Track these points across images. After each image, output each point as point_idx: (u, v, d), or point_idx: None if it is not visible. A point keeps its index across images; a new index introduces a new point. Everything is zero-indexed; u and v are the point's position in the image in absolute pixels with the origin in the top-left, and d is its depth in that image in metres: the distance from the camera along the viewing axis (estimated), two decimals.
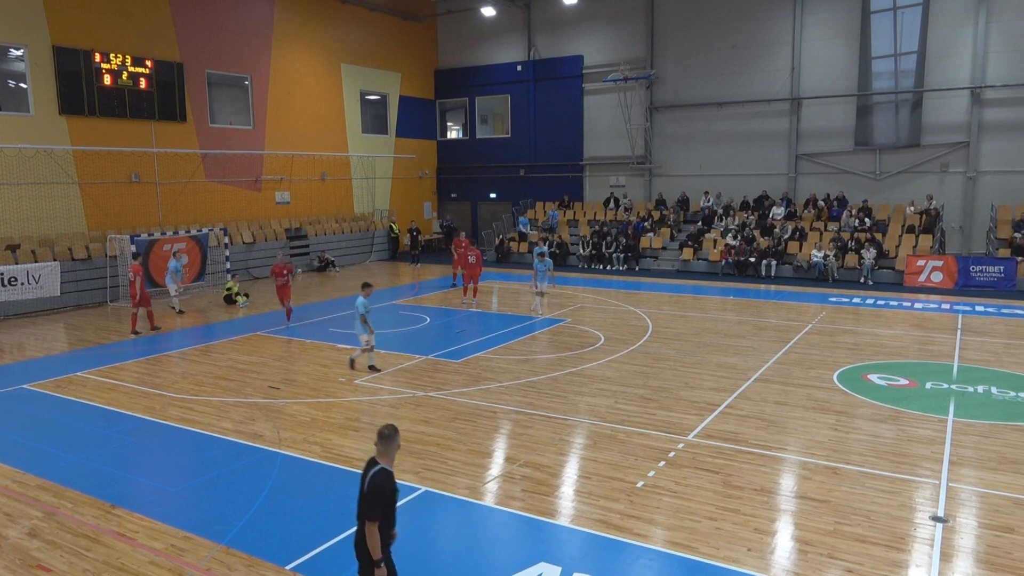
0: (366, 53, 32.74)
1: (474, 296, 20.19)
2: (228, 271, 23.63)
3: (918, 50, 26.11)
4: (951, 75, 25.74)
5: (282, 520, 7.57)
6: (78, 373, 13.62)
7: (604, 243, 28.54)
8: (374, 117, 34.02)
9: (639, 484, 8.28)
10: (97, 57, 22.34)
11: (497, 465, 9.06)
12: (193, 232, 23.21)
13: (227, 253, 24.04)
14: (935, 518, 7.45)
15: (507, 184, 35.64)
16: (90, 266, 21.51)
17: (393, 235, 32.86)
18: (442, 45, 36.96)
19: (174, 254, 20.19)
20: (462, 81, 36.25)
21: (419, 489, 8.19)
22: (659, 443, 9.57)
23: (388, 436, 5.36)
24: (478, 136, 36.72)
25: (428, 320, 18.37)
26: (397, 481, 5.47)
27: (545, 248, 20.76)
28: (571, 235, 31.01)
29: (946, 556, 6.71)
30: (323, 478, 8.66)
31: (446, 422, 10.54)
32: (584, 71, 32.79)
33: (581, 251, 29.04)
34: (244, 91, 27.73)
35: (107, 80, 22.66)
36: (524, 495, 8.07)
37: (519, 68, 34.36)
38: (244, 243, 26.34)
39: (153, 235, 22.06)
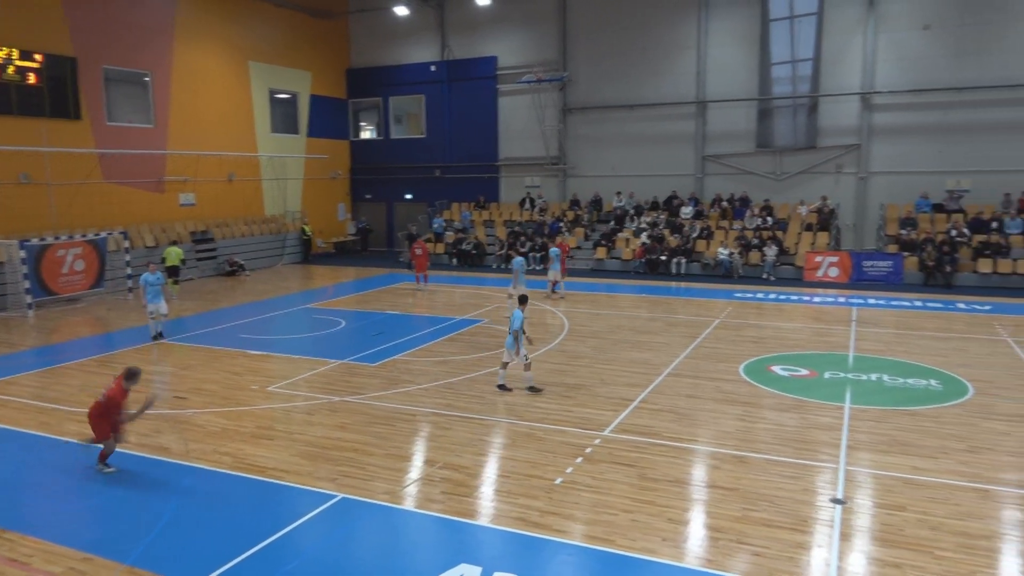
0: (274, 51, 31.84)
1: (425, 281, 23.09)
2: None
3: (813, 57, 27.53)
4: (844, 81, 27.25)
5: (192, 535, 7.28)
6: None
7: (519, 243, 28.76)
8: (284, 116, 33.13)
9: (557, 481, 8.40)
10: None
11: (416, 468, 9.00)
12: (90, 236, 22.00)
13: (127, 258, 22.89)
14: (834, 500, 7.88)
15: (423, 185, 35.41)
16: None
17: (305, 237, 32.09)
18: (354, 44, 36.36)
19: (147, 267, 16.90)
20: (375, 80, 35.77)
21: (336, 496, 8.03)
22: (576, 439, 9.73)
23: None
24: (392, 136, 36.32)
25: (343, 323, 18.05)
26: (314, 489, 5.36)
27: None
28: (487, 236, 31.11)
29: (845, 536, 7.11)
30: (235, 489, 8.38)
31: (363, 427, 10.38)
32: (498, 72, 32.95)
33: (497, 251, 29.16)
34: (144, 88, 26.47)
35: None
36: (444, 497, 8.05)
37: (433, 68, 34.20)
38: (146, 247, 25.14)
39: (45, 240, 20.77)
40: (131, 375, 9.01)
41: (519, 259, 18.91)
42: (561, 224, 30.27)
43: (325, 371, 13.47)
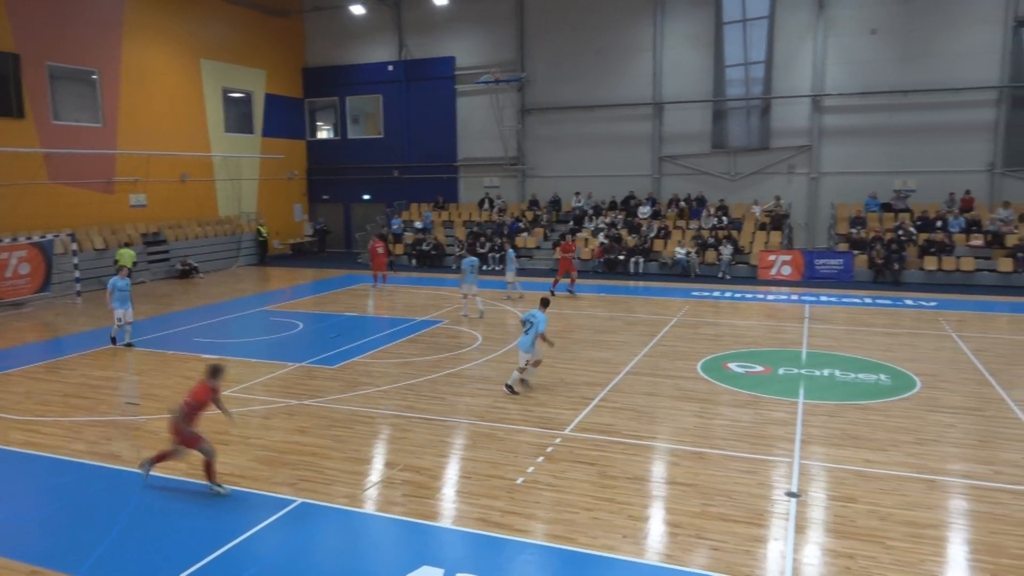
0: (228, 49, 31.25)
1: (384, 282, 23.39)
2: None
3: (765, 59, 28.11)
4: (795, 83, 27.87)
5: (146, 544, 7.11)
6: None
7: (479, 243, 28.74)
8: (238, 116, 32.54)
9: (519, 480, 8.42)
10: None
11: (377, 471, 8.94)
12: (36, 239, 21.31)
13: (75, 261, 22.24)
14: (789, 494, 8.05)
15: (381, 185, 35.12)
16: None
17: (261, 238, 31.58)
18: (310, 43, 35.90)
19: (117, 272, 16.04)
20: (332, 80, 35.36)
21: (295, 501, 7.93)
22: (537, 439, 9.77)
23: None
24: (350, 136, 35.96)
25: (301, 326, 17.81)
26: (272, 494, 5.29)
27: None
28: (447, 236, 31.02)
29: (800, 528, 7.28)
30: (191, 496, 8.21)
31: (322, 430, 10.27)
32: (456, 72, 32.87)
33: (457, 252, 29.09)
34: (92, 86, 25.74)
35: None
36: (405, 499, 8.01)
37: (390, 68, 33.97)
38: (95, 249, 24.45)
39: None
40: (215, 371, 8.34)
41: (470, 259, 18.79)
42: (520, 224, 30.37)
43: (283, 374, 13.28)
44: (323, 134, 37.09)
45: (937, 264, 23.97)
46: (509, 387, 11.90)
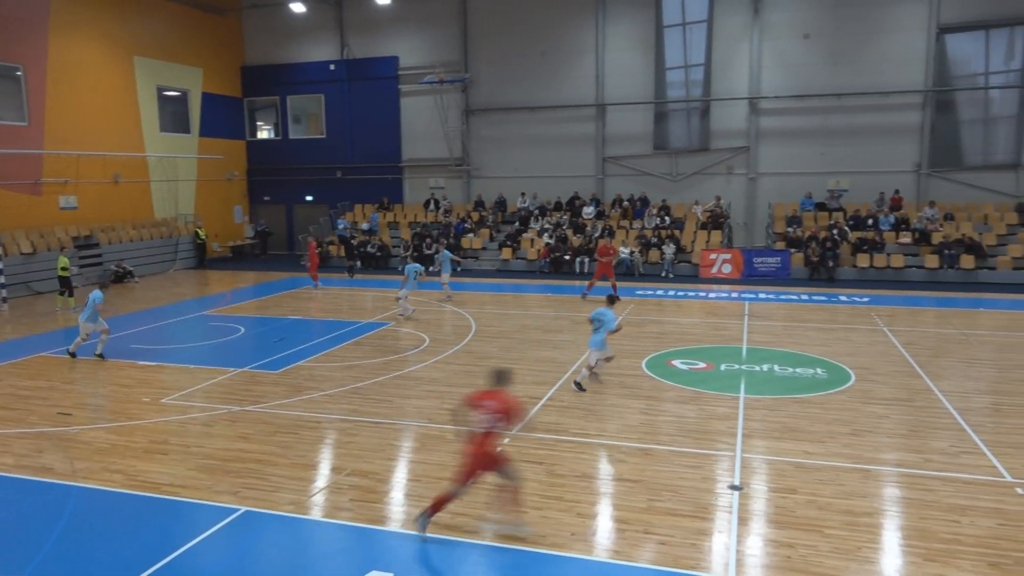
0: (162, 46, 30.31)
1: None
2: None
3: (704, 62, 28.73)
4: (733, 86, 28.56)
5: (80, 560, 6.84)
6: None
7: (424, 244, 28.58)
8: (174, 115, 31.59)
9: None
10: None
11: (323, 477, 8.80)
12: None
13: (0, 266, 21.24)
14: (732, 487, 8.24)
15: (324, 186, 34.59)
16: None
17: (199, 241, 30.74)
18: (249, 41, 35.11)
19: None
20: (272, 79, 34.65)
21: (238, 510, 7.74)
22: None
23: None
24: (291, 136, 35.31)
25: (243, 330, 17.40)
26: (214, 504, 5.14)
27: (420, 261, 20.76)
28: (392, 238, 30.76)
29: (743, 520, 7.46)
30: (128, 509, 7.93)
31: (266, 437, 10.05)
32: (400, 72, 32.62)
33: (402, 253, 28.86)
34: (16, 83, 24.63)
35: None
36: (352, 505, 7.91)
37: (332, 67, 33.49)
38: (22, 254, 23.40)
39: None
40: (502, 376, 7.33)
41: (414, 266, 18.73)
42: (466, 225, 30.32)
43: (224, 380, 12.95)
44: (263, 134, 36.33)
45: (869, 261, 24.90)
46: (578, 384, 11.95)
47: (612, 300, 12.67)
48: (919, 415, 10.71)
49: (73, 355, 14.60)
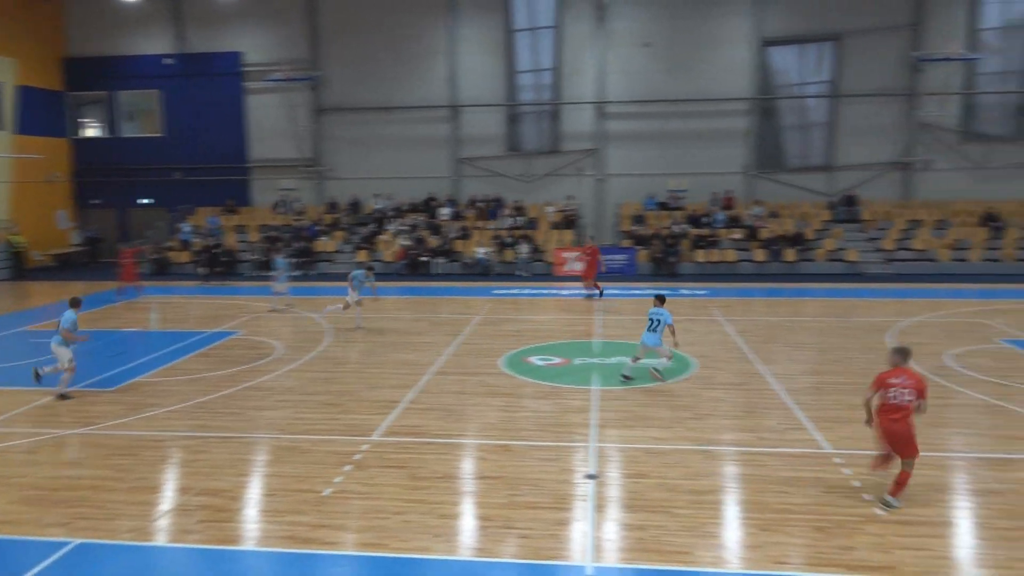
0: None
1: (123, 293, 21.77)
2: None
3: (553, 67, 29.64)
4: (580, 90, 29.66)
5: None
6: None
7: (275, 247, 27.46)
8: None
9: (326, 492, 8.18)
10: None
11: (168, 499, 8.24)
12: None
13: None
14: (589, 476, 8.57)
15: (162, 188, 32.34)
16: None
17: (16, 250, 27.80)
18: (72, 30, 32.11)
19: None
20: (100, 72, 31.88)
21: (69, 543, 7.08)
22: (345, 447, 9.55)
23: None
24: (124, 135, 32.72)
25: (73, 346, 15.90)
26: (40, 539, 4.69)
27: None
28: (240, 241, 29.30)
29: (599, 507, 7.77)
30: None
31: (100, 460, 9.27)
32: (244, 68, 31.14)
33: (251, 256, 27.60)
34: None
35: None
36: (201, 526, 7.47)
37: (170, 61, 31.39)
38: None
39: None
40: (906, 353, 7.72)
41: (359, 271, 17.54)
42: (319, 227, 29.47)
43: (50, 402, 11.80)
44: (91, 132, 33.41)
45: (706, 256, 26.71)
46: (657, 371, 12.47)
47: (661, 299, 12.90)
48: (752, 397, 11.63)
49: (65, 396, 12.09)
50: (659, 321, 12.32)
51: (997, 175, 28.33)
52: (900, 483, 7.54)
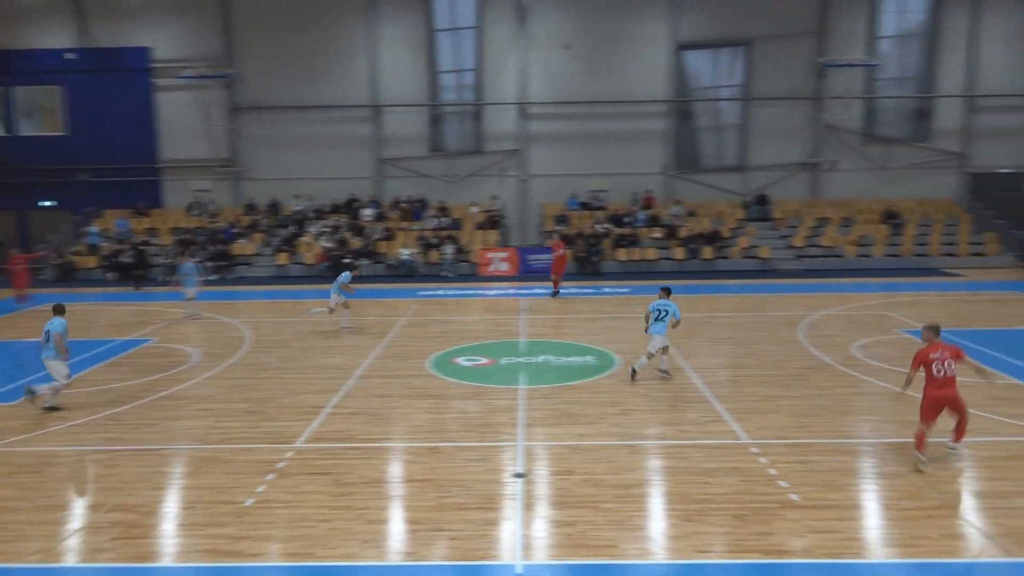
0: None
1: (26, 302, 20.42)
2: None
3: (475, 67, 29.66)
4: (503, 91, 29.78)
5: None
6: None
7: (188, 251, 26.45)
8: None
9: (248, 502, 7.94)
10: None
11: (78, 517, 7.83)
12: None
13: None
14: (517, 475, 8.62)
15: (66, 190, 30.63)
16: None
17: None
18: None
19: None
20: None
21: None
22: (267, 456, 9.30)
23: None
24: (22, 133, 30.82)
25: None
26: None
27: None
28: (151, 246, 28.05)
29: (528, 506, 7.83)
30: None
31: (2, 479, 8.73)
32: (154, 65, 29.86)
33: (163, 260, 26.48)
34: None
35: None
36: (114, 544, 7.13)
37: (71, 56, 29.76)
38: None
39: None
40: (937, 329, 8.73)
41: (344, 274, 16.84)
42: (236, 229, 28.58)
43: (39, 413, 11.03)
44: None
45: (627, 255, 27.27)
46: (664, 372, 12.56)
47: (668, 291, 12.94)
48: (675, 391, 11.96)
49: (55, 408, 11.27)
50: (666, 312, 12.53)
51: (896, 175, 30.08)
52: (960, 430, 8.67)
